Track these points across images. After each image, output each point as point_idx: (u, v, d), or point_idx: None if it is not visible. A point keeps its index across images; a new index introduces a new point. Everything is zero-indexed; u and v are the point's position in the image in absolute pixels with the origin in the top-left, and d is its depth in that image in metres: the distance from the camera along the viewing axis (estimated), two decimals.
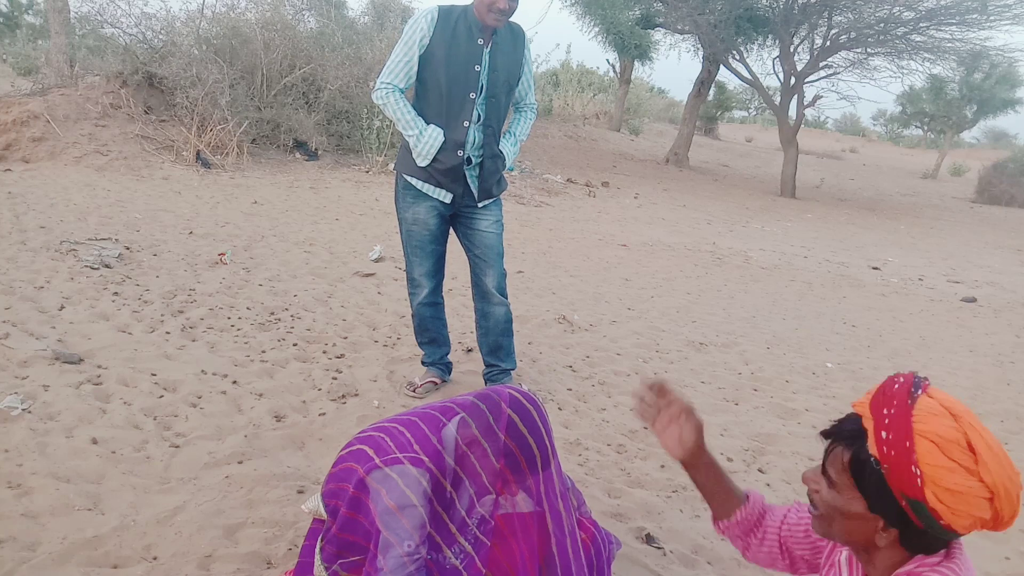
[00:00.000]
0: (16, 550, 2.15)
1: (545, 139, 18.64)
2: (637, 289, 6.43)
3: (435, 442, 1.81)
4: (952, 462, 1.15)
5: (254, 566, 2.23)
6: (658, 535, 2.67)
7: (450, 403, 1.93)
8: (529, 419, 1.78)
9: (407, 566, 1.71)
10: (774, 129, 19.98)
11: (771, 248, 9.57)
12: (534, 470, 1.75)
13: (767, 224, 11.87)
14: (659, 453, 3.35)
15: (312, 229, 7.03)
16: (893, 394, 1.23)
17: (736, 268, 7.97)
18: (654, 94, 35.27)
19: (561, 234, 8.62)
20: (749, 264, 8.30)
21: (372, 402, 3.47)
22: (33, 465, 2.59)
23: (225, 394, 3.37)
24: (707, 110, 28.33)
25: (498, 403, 1.80)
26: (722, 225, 11.17)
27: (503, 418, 1.76)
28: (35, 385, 3.17)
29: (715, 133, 32.14)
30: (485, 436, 1.75)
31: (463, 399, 1.90)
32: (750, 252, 9.03)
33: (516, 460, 1.74)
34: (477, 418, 1.78)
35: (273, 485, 2.67)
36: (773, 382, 4.50)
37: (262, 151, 10.45)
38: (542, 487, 1.78)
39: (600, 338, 4.89)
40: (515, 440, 1.74)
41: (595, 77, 28.89)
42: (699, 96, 19.94)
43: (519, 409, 1.78)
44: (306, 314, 4.56)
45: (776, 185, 16.96)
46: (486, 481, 1.75)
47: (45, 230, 5.64)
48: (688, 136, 19.80)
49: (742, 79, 18.04)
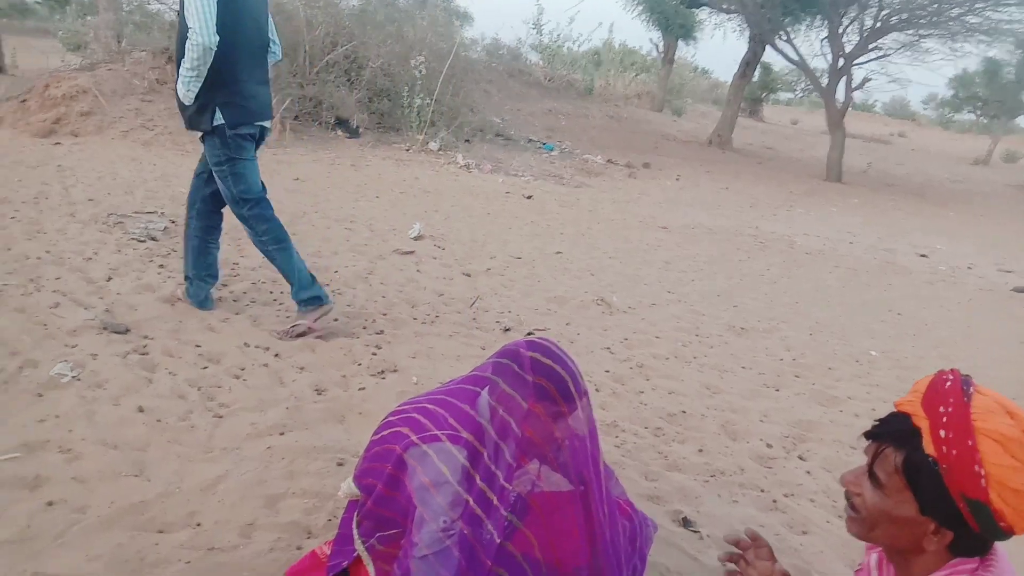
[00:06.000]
0: (67, 512, 2.21)
1: (585, 119, 18.48)
2: (677, 272, 6.36)
3: (473, 415, 1.80)
4: (1016, 461, 1.11)
5: (294, 535, 2.27)
6: (695, 519, 2.65)
7: (477, 373, 1.92)
8: (550, 352, 1.76)
9: (442, 541, 1.71)
10: (820, 112, 19.54)
11: (815, 233, 9.40)
12: (568, 399, 1.72)
13: (812, 209, 11.65)
14: (697, 437, 3.33)
15: (353, 207, 7.08)
16: (947, 392, 1.19)
17: (779, 253, 7.85)
18: (698, 75, 34.67)
19: (600, 215, 8.56)
20: (793, 249, 8.16)
21: (411, 378, 3.49)
22: (82, 431, 2.65)
23: (267, 367, 3.41)
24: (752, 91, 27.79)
25: (516, 350, 1.78)
26: (765, 209, 10.99)
27: (526, 361, 1.74)
28: (84, 354, 3.24)
29: (760, 115, 31.57)
30: (514, 386, 1.73)
31: (486, 364, 1.88)
32: (794, 237, 8.88)
33: (546, 390, 1.71)
34: (503, 374, 1.77)
35: (314, 457, 2.71)
36: (815, 369, 4.43)
37: (304, 128, 10.52)
38: (581, 413, 1.75)
39: (639, 321, 4.85)
40: (543, 374, 1.72)
41: (637, 57, 28.47)
42: (744, 77, 19.56)
43: (538, 347, 1.77)
44: (347, 290, 4.60)
45: (821, 169, 16.61)
46: (515, 427, 1.73)
47: (93, 203, 5.75)
48: (732, 118, 19.46)
49: (789, 60, 17.68)
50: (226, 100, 3.48)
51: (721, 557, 1.63)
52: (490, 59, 19.31)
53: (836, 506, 2.92)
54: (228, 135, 3.52)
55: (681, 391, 3.83)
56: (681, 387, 3.88)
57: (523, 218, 7.73)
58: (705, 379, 4.04)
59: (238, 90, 3.51)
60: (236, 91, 3.50)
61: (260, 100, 3.65)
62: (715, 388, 3.94)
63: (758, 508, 2.82)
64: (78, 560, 2.02)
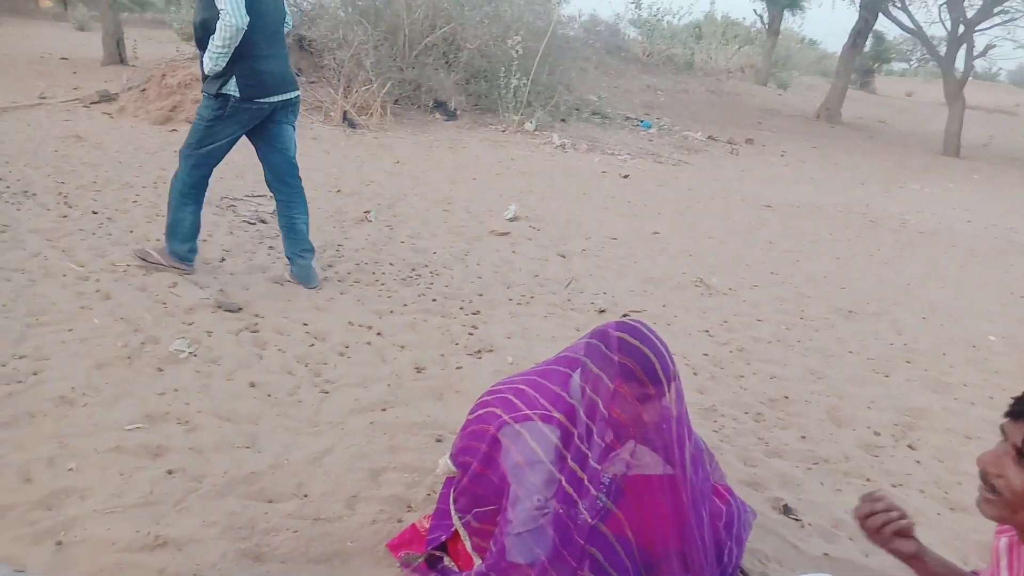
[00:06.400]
0: (185, 480, 2.36)
1: (685, 94, 18.08)
2: (781, 252, 6.17)
3: (565, 396, 1.82)
4: None
5: (396, 508, 2.35)
6: (796, 506, 2.59)
7: (569, 353, 1.92)
8: (638, 332, 1.74)
9: (536, 519, 1.74)
10: (938, 82, 18.40)
11: (930, 211, 8.90)
12: (655, 381, 1.69)
13: (927, 185, 11.03)
14: (800, 423, 3.23)
15: (450, 188, 7.18)
16: None
17: (891, 232, 7.48)
18: (804, 46, 33.30)
19: (700, 194, 8.37)
20: (905, 228, 7.76)
21: (506, 358, 3.54)
22: (199, 404, 2.82)
23: (370, 345, 3.53)
24: (863, 62, 26.44)
25: (605, 330, 1.77)
26: (877, 186, 10.48)
27: (613, 341, 1.73)
28: (200, 331, 3.43)
29: (871, 87, 30.02)
30: (601, 366, 1.73)
31: (578, 344, 1.89)
32: (907, 215, 8.44)
33: (631, 371, 1.69)
34: (593, 355, 1.76)
35: (414, 432, 2.79)
36: (928, 354, 4.22)
37: (404, 111, 10.72)
38: (670, 397, 1.73)
39: (739, 303, 4.74)
40: (629, 355, 1.70)
41: (740, 29, 27.57)
42: (854, 47, 18.62)
43: (626, 328, 1.75)
44: (445, 271, 4.69)
45: (938, 143, 15.68)
46: (603, 408, 1.72)
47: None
48: (841, 90, 18.59)
49: (903, 28, 16.73)
50: (242, 73, 3.68)
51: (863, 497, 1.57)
52: (587, 36, 19.08)
53: (948, 498, 2.79)
54: (231, 104, 3.75)
55: (784, 376, 3.73)
56: (784, 371, 3.78)
57: (619, 198, 7.65)
58: (809, 363, 3.92)
59: (256, 65, 3.71)
60: (253, 66, 3.70)
61: (278, 75, 3.84)
62: (820, 373, 3.81)
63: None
64: (195, 525, 2.15)
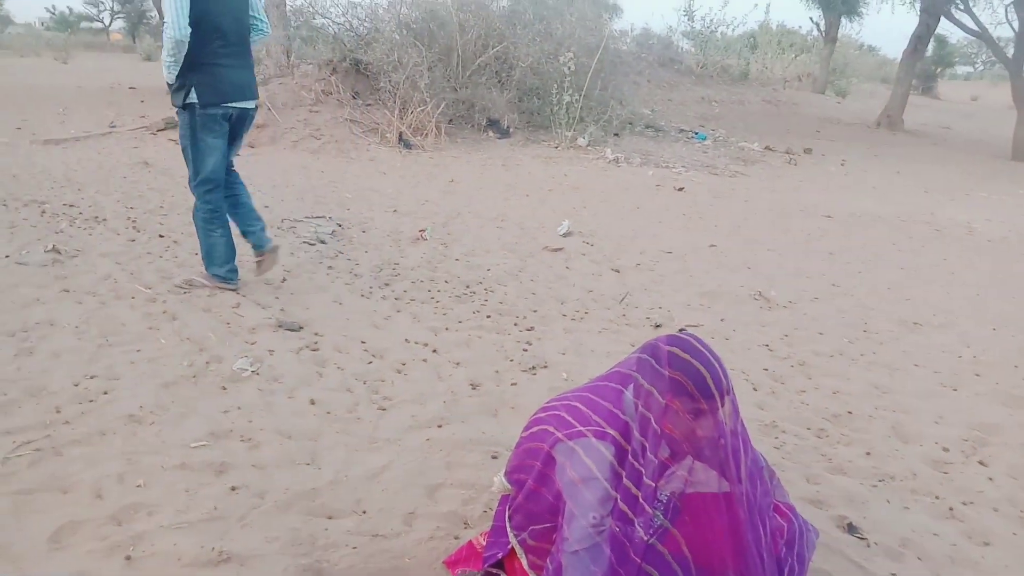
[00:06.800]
0: (248, 496, 2.42)
1: (741, 105, 17.87)
2: (843, 264, 6.03)
3: (618, 413, 1.81)
4: None
5: (452, 525, 2.36)
6: (861, 525, 2.52)
7: (620, 369, 1.91)
8: (689, 346, 1.71)
9: (592, 537, 1.73)
10: (1005, 85, 17.83)
11: (999, 219, 8.59)
12: (708, 395, 1.66)
13: (994, 193, 10.65)
14: (864, 439, 3.15)
15: (504, 205, 7.23)
16: None
17: (957, 241, 7.25)
18: (863, 52, 32.66)
19: (757, 206, 8.25)
20: (973, 236, 7.51)
21: (561, 374, 3.54)
22: (261, 421, 2.89)
23: (426, 362, 3.57)
24: (925, 67, 25.82)
25: (656, 344, 1.75)
26: (941, 194, 10.18)
27: (663, 355, 1.71)
28: (262, 349, 3.53)
29: (934, 92, 29.28)
30: (652, 381, 1.71)
31: (629, 359, 1.87)
32: (974, 223, 8.17)
33: (683, 386, 1.66)
34: (644, 370, 1.75)
35: (469, 449, 2.81)
36: (998, 367, 4.07)
37: (457, 131, 10.85)
38: (722, 415, 1.70)
39: (800, 316, 4.65)
40: (679, 369, 1.67)
41: (796, 37, 27.17)
42: (915, 52, 18.17)
43: (677, 342, 1.73)
44: (499, 287, 4.72)
45: (1006, 149, 15.15)
46: (655, 424, 1.71)
47: (268, 209, 6.21)
48: (903, 96, 18.14)
49: (967, 31, 16.28)
50: (200, 81, 3.84)
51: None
52: (640, 50, 19.08)
53: (1023, 516, 2.68)
54: (197, 113, 3.88)
55: (847, 390, 3.64)
56: (847, 386, 3.69)
57: (674, 211, 7.59)
58: (873, 378, 3.82)
59: (212, 72, 3.86)
60: (210, 74, 3.86)
61: (235, 83, 3.97)
62: (884, 387, 3.71)
63: (932, 516, 2.63)
64: (258, 541, 2.21)
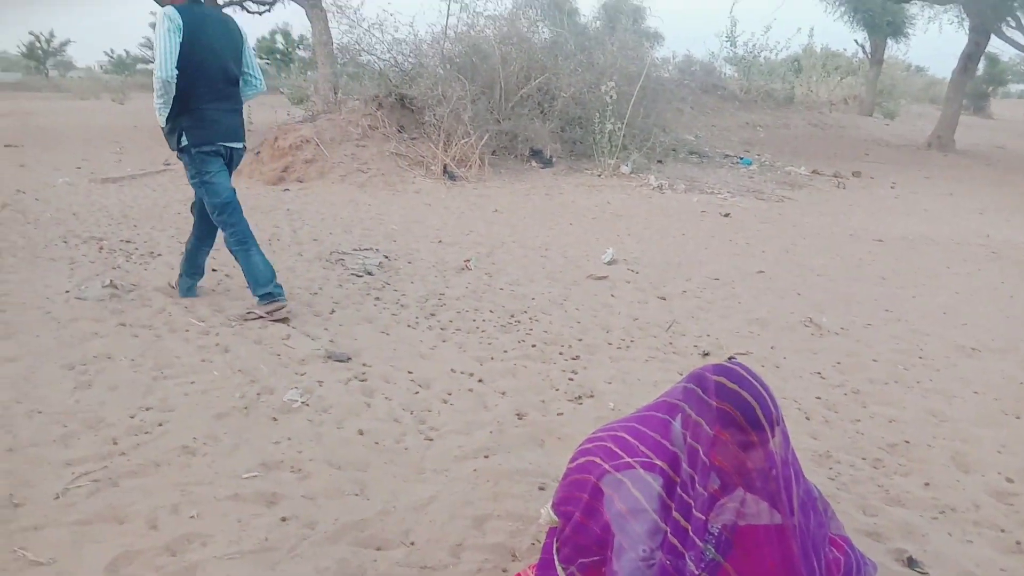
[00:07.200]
0: (298, 527, 2.44)
1: (786, 129, 17.70)
2: (895, 288, 5.90)
3: (667, 445, 1.79)
4: None
5: (500, 557, 2.35)
6: (921, 559, 2.43)
7: (667, 399, 1.89)
8: (737, 376, 1.68)
9: (643, 570, 1.71)
10: None
11: None
12: (757, 427, 1.63)
13: None
14: (922, 469, 3.05)
15: (547, 234, 7.25)
16: None
17: (1015, 263, 7.03)
18: (911, 73, 32.10)
19: (806, 230, 8.13)
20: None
21: (608, 404, 3.51)
22: (311, 452, 2.92)
23: (472, 391, 3.58)
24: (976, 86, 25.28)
25: (702, 374, 1.73)
26: (996, 215, 9.90)
27: (710, 385, 1.69)
28: (311, 380, 3.58)
29: (986, 112, 28.62)
30: (700, 412, 1.69)
31: (675, 389, 1.85)
32: None
33: (731, 417, 1.64)
34: (691, 400, 1.73)
35: (516, 480, 2.79)
36: None
37: (501, 161, 10.95)
38: (773, 445, 1.67)
39: (852, 342, 4.55)
40: (727, 399, 1.65)
41: (842, 60, 26.87)
42: (965, 72, 17.82)
43: (725, 372, 1.70)
44: (543, 316, 4.72)
45: None
46: (703, 455, 1.68)
47: (317, 242, 6.34)
48: (953, 117, 17.77)
49: (1019, 48, 15.89)
50: (190, 124, 4.12)
51: None
52: (682, 76, 19.06)
53: None
54: (193, 153, 4.17)
55: (903, 419, 3.54)
56: (903, 414, 3.59)
57: (720, 237, 7.52)
58: (930, 405, 3.71)
59: (200, 115, 4.13)
60: (199, 117, 4.12)
61: (223, 125, 4.25)
62: (942, 415, 3.60)
63: (997, 550, 2.53)
64: (308, 572, 2.22)
